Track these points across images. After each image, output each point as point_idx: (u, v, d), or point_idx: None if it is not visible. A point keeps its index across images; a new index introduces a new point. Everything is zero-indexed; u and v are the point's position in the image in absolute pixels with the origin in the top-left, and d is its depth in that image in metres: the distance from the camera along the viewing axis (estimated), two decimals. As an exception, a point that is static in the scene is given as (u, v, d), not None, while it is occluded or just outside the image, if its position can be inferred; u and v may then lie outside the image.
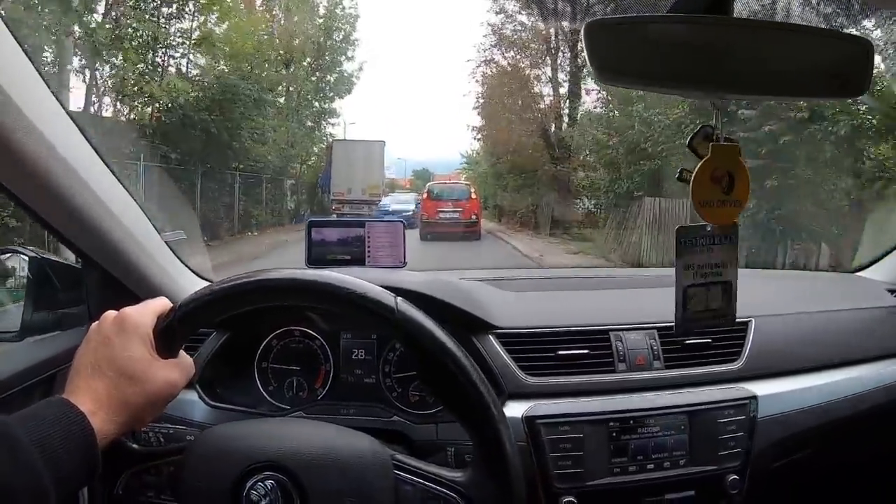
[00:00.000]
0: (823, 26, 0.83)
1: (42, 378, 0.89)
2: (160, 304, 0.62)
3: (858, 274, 1.40)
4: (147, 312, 0.60)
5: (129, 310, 0.60)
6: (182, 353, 0.63)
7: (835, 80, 0.69)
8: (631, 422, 0.88)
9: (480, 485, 0.60)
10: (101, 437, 0.53)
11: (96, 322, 0.61)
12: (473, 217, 11.43)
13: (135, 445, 0.64)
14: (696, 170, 0.73)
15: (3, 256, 1.17)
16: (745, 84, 0.69)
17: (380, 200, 13.87)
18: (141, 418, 0.58)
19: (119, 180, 0.88)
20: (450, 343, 0.60)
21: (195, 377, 0.89)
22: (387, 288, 0.62)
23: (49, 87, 0.75)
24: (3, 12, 0.68)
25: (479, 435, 0.61)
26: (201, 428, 0.71)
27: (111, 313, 0.60)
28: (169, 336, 0.60)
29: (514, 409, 0.87)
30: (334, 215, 12.77)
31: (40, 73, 0.73)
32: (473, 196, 12.20)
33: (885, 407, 1.04)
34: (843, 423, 1.01)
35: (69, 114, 0.79)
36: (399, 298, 0.60)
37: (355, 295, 0.59)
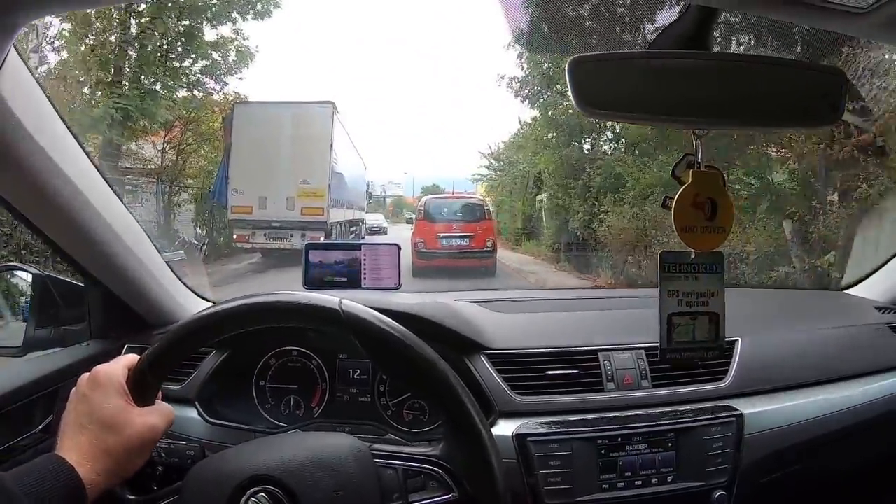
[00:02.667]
0: (798, 58, 0.86)
1: (44, 393, 0.92)
2: (128, 358, 0.66)
3: (846, 291, 1.42)
4: (118, 367, 0.64)
5: (100, 367, 0.64)
6: (160, 401, 0.66)
7: (810, 110, 0.72)
8: (619, 439, 0.90)
9: (455, 452, 0.65)
10: (90, 486, 0.57)
11: (74, 387, 0.65)
12: (489, 244, 7.91)
13: (131, 497, 0.66)
14: (678, 195, 0.76)
15: (8, 273, 1.20)
16: (723, 115, 0.72)
17: (325, 221, 8.53)
18: (126, 465, 0.61)
19: (122, 201, 0.91)
20: (395, 327, 0.64)
21: (190, 399, 0.92)
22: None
23: (58, 112, 0.78)
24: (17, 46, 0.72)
25: (442, 403, 0.64)
26: (201, 444, 0.73)
27: (85, 375, 0.64)
28: (142, 384, 0.64)
29: (505, 428, 0.89)
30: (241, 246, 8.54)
31: (50, 100, 0.77)
32: (488, 217, 8.64)
33: (872, 422, 1.06)
34: (830, 438, 1.03)
35: (75, 137, 0.83)
36: (342, 300, 0.64)
37: (301, 305, 0.64)
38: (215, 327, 0.66)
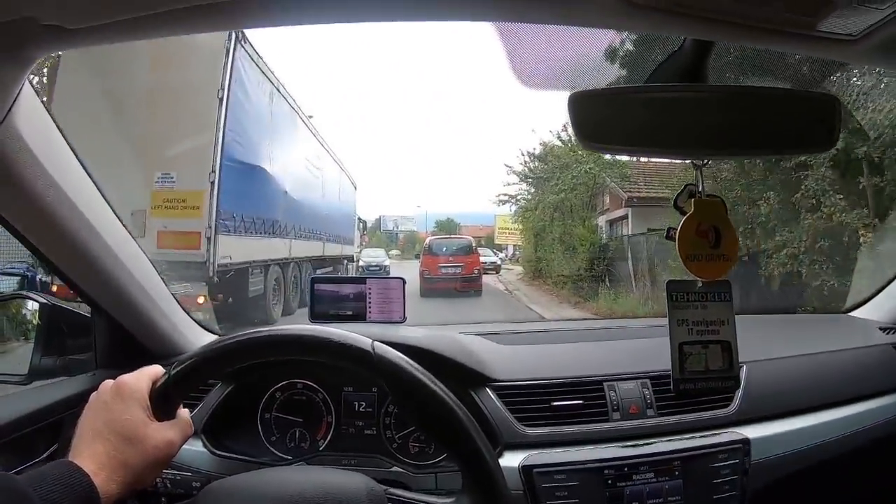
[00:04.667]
0: (794, 86, 0.88)
1: (49, 422, 0.91)
2: (153, 370, 0.66)
3: (850, 314, 1.42)
4: (142, 378, 0.64)
5: (125, 377, 0.64)
6: (180, 412, 0.66)
7: (806, 136, 0.74)
8: (626, 469, 0.89)
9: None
10: (105, 496, 0.56)
11: (95, 392, 0.64)
12: (476, 272, 10.87)
13: None
14: (681, 224, 0.77)
15: (15, 302, 1.21)
16: (722, 145, 0.73)
17: (204, 260, 5.02)
18: (142, 478, 0.60)
19: (130, 234, 0.93)
20: (423, 375, 0.64)
21: (197, 430, 0.92)
22: (388, 343, 0.65)
23: (69, 145, 0.80)
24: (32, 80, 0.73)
25: (463, 459, 0.63)
26: (206, 476, 0.73)
27: (109, 382, 0.64)
28: (164, 399, 0.63)
29: (511, 459, 0.88)
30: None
31: (62, 132, 0.79)
32: (475, 252, 11.48)
33: (880, 444, 1.05)
34: (839, 461, 1.02)
35: (85, 169, 0.84)
36: (375, 342, 0.64)
37: (334, 343, 0.63)
38: (247, 352, 0.66)
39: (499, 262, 15.99)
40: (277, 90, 6.61)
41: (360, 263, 12.68)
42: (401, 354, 0.64)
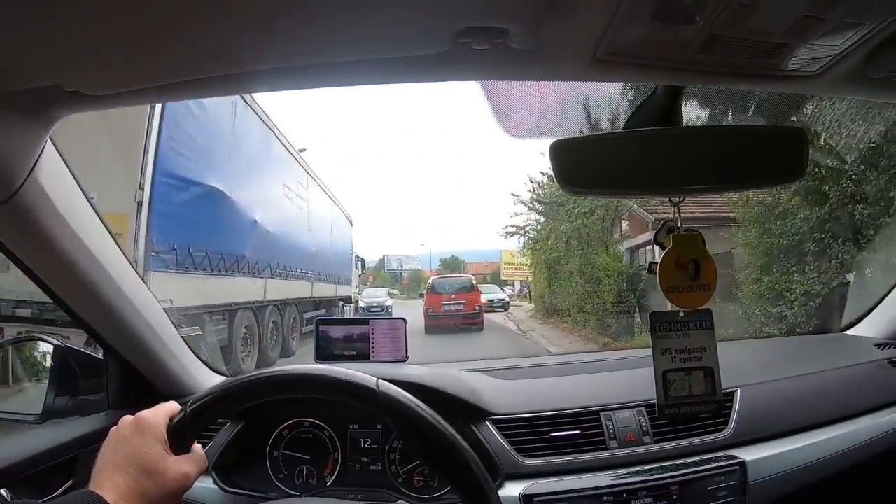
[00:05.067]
0: (764, 121, 0.93)
1: (64, 460, 0.94)
2: (170, 406, 0.70)
3: (846, 332, 1.44)
4: (160, 414, 0.68)
5: (144, 413, 0.68)
6: (195, 447, 0.70)
7: (777, 169, 0.78)
8: (624, 495, 0.91)
9: None
10: None
11: (115, 427, 0.68)
12: (477, 308, 11.08)
13: None
14: (661, 259, 0.81)
15: (29, 343, 1.25)
16: (698, 182, 0.78)
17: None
18: None
19: (142, 278, 0.98)
20: (425, 411, 0.67)
21: (208, 467, 0.95)
22: (392, 381, 0.69)
23: (87, 198, 0.86)
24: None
25: (466, 492, 0.66)
26: None
27: (128, 417, 0.68)
28: (181, 434, 0.67)
29: (512, 489, 0.91)
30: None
31: (80, 187, 0.84)
32: (475, 290, 11.56)
33: (880, 459, 1.06)
34: (837, 478, 1.03)
35: (101, 220, 0.90)
36: (379, 380, 0.68)
37: (340, 381, 0.67)
38: (259, 391, 0.70)
39: (507, 299, 15.37)
40: (244, 99, 5.45)
41: (361, 304, 12.22)
42: (404, 392, 0.67)
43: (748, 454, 0.99)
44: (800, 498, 1.00)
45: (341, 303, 10.20)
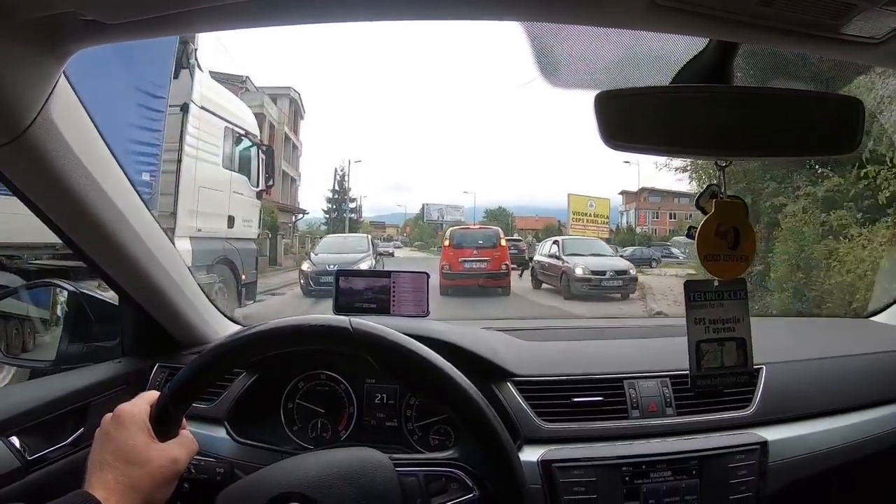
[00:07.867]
0: (817, 89, 0.88)
1: (76, 407, 0.94)
2: (150, 395, 0.69)
3: (871, 319, 1.41)
4: (140, 404, 0.67)
5: (123, 406, 0.67)
6: (184, 431, 0.68)
7: (829, 139, 0.74)
8: (643, 466, 0.89)
9: (472, 452, 0.68)
10: None
11: (98, 427, 0.67)
12: (503, 267, 9.66)
13: None
14: (701, 225, 0.77)
15: (44, 289, 1.24)
16: (745, 146, 0.74)
17: None
18: (153, 498, 0.63)
19: (160, 226, 0.95)
20: (404, 339, 0.67)
21: (222, 418, 0.95)
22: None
23: (102, 137, 0.83)
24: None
25: (459, 412, 0.66)
26: (229, 462, 0.75)
27: (108, 415, 0.67)
28: (164, 419, 0.66)
29: (531, 454, 0.89)
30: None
31: (95, 125, 0.81)
32: (503, 243, 10.21)
33: None
34: (857, 465, 1.01)
35: (118, 161, 0.87)
36: (352, 318, 0.67)
37: (314, 327, 0.67)
38: (232, 356, 0.68)
39: (633, 273, 9.80)
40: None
41: (305, 267, 8.97)
42: (379, 325, 0.67)
43: (770, 434, 0.97)
44: (819, 482, 0.98)
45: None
